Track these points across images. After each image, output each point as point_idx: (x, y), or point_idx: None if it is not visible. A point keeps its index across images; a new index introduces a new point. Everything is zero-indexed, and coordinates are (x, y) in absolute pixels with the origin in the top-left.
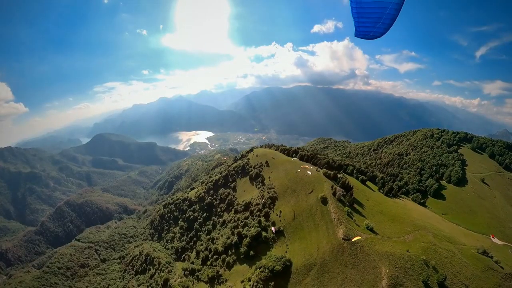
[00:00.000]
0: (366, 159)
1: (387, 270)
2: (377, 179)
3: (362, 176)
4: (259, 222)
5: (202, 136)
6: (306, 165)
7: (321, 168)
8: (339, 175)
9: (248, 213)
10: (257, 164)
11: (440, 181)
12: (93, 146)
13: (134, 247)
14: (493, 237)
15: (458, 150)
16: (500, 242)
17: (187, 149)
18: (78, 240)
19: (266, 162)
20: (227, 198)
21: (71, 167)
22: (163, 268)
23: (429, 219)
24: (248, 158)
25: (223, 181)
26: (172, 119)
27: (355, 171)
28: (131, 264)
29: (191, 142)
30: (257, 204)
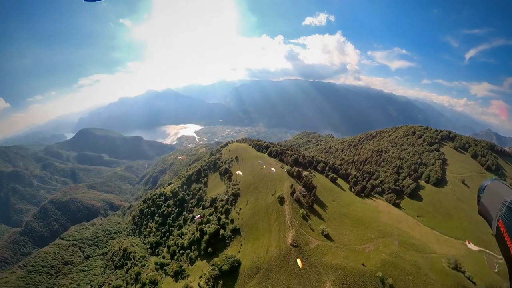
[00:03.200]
0: (345, 154)
1: (331, 287)
2: (350, 177)
3: (332, 174)
4: (219, 219)
5: (190, 130)
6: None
7: (288, 165)
8: (304, 173)
9: (213, 209)
10: (228, 159)
11: (419, 180)
12: (77, 141)
13: (117, 243)
14: (469, 243)
15: (440, 149)
16: (475, 248)
17: (174, 143)
18: (63, 239)
19: (236, 157)
20: (198, 193)
21: (55, 164)
22: (137, 263)
23: (400, 223)
24: (221, 153)
25: (196, 176)
26: (160, 112)
27: (326, 168)
28: (111, 259)
29: (179, 135)
30: (221, 200)
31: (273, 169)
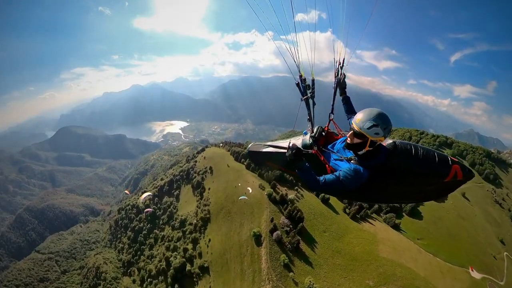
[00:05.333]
0: None
1: None
2: None
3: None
4: (185, 251)
5: (176, 127)
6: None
7: (270, 184)
8: (290, 195)
9: (181, 233)
10: (202, 169)
11: None
12: (57, 141)
13: (94, 255)
14: (472, 270)
15: None
16: (478, 276)
17: (159, 140)
18: (38, 252)
19: (211, 168)
20: (169, 209)
21: (32, 167)
22: (108, 285)
23: (402, 256)
24: (196, 161)
25: (168, 187)
26: (145, 108)
27: None
28: (86, 276)
29: (165, 133)
30: (190, 223)
31: (249, 189)
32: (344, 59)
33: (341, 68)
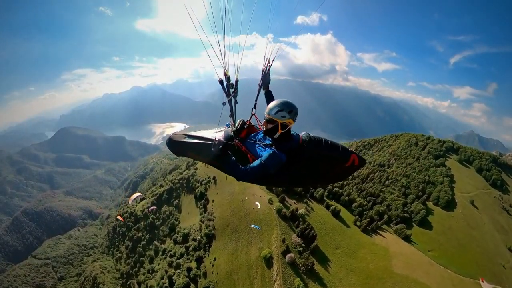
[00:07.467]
0: None
1: None
2: (353, 205)
3: (334, 205)
4: (189, 270)
5: (176, 129)
6: None
7: (278, 198)
8: (300, 209)
9: (184, 249)
10: (204, 178)
11: (426, 202)
12: (56, 142)
13: (92, 262)
14: (482, 281)
15: (446, 163)
16: (489, 287)
17: (159, 143)
18: (34, 257)
19: (214, 177)
20: (169, 220)
21: (30, 168)
22: None
23: (416, 270)
24: (196, 168)
25: (167, 196)
26: (145, 110)
27: (325, 194)
28: (83, 284)
29: (164, 135)
30: (193, 239)
31: (257, 203)
32: (274, 58)
33: (269, 66)
